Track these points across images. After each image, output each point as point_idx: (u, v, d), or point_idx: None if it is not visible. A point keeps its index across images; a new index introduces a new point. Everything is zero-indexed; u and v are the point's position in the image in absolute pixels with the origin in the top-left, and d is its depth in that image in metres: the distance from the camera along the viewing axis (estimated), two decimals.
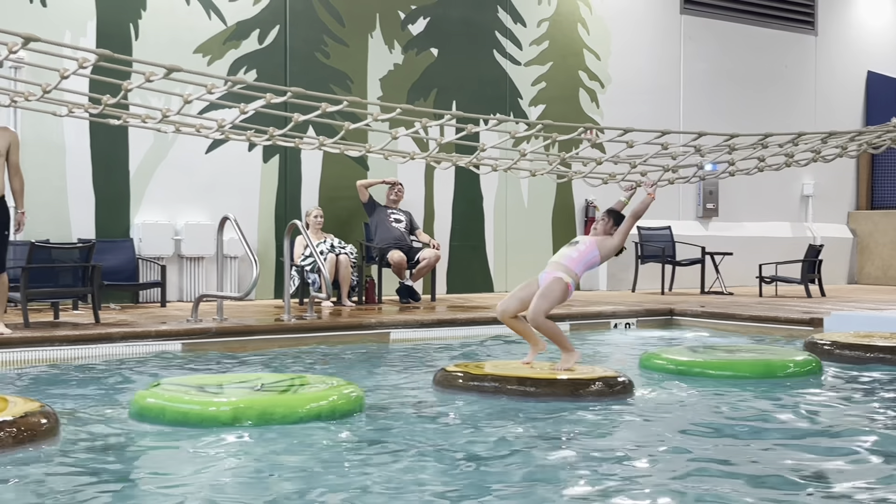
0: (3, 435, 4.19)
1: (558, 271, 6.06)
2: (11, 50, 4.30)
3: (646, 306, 10.70)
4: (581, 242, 6.19)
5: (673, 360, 6.84)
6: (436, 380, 6.11)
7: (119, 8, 10.83)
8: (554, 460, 4.36)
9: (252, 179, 11.68)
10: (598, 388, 5.76)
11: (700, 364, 6.73)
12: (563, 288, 6.03)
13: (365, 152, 6.17)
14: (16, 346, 7.34)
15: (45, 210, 10.33)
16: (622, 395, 5.82)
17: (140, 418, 5.02)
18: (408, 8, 12.73)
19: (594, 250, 6.14)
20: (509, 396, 5.69)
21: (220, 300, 8.93)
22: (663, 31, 15.00)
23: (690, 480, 3.98)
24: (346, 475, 4.08)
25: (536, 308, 5.97)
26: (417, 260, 11.30)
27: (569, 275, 6.04)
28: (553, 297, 6.01)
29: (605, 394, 5.75)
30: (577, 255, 6.10)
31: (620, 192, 6.58)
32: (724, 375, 6.54)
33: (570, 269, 6.06)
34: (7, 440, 4.18)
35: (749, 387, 6.25)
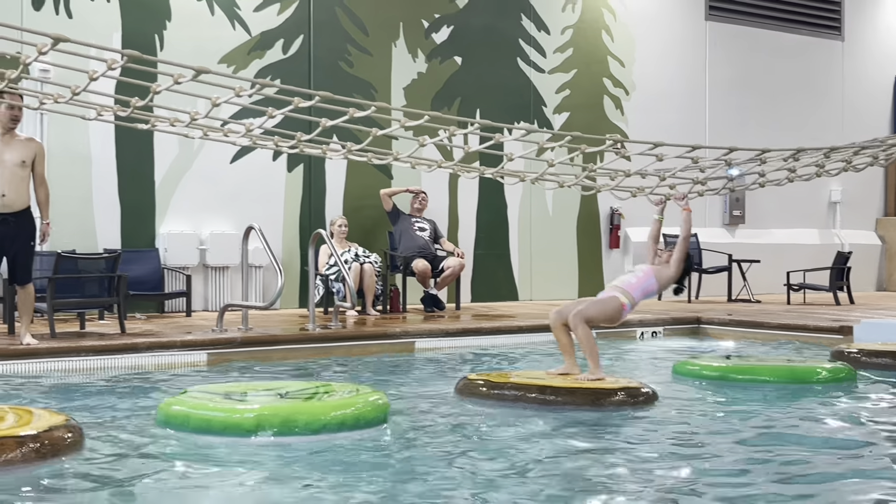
0: (27, 448, 4.15)
1: (616, 292, 6.13)
2: (41, 51, 4.28)
3: (672, 314, 10.60)
4: (639, 269, 6.26)
5: (707, 367, 6.78)
6: (458, 388, 6.06)
7: (144, 19, 10.87)
8: (579, 468, 4.30)
9: (277, 189, 11.68)
10: (622, 397, 5.69)
11: (733, 370, 6.66)
12: (617, 306, 6.05)
13: (391, 160, 6.12)
14: (42, 356, 7.34)
15: (72, 220, 10.37)
16: (647, 404, 5.72)
17: (166, 426, 4.99)
18: (431, 16, 12.72)
19: (651, 278, 6.16)
20: (532, 405, 5.63)
21: (245, 310, 8.91)
22: (688, 38, 14.91)
23: (720, 488, 3.90)
24: (370, 483, 4.03)
25: (583, 311, 5.98)
26: (442, 269, 11.26)
27: (625, 296, 6.08)
28: (603, 308, 6.04)
29: (629, 403, 5.66)
30: (635, 281, 6.15)
31: (649, 204, 6.49)
32: (757, 381, 6.46)
33: (628, 291, 6.11)
34: (31, 454, 4.15)
35: (781, 394, 6.16)
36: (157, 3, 10.98)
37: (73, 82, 5.46)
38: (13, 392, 6.44)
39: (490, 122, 5.22)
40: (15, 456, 4.09)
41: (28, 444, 4.18)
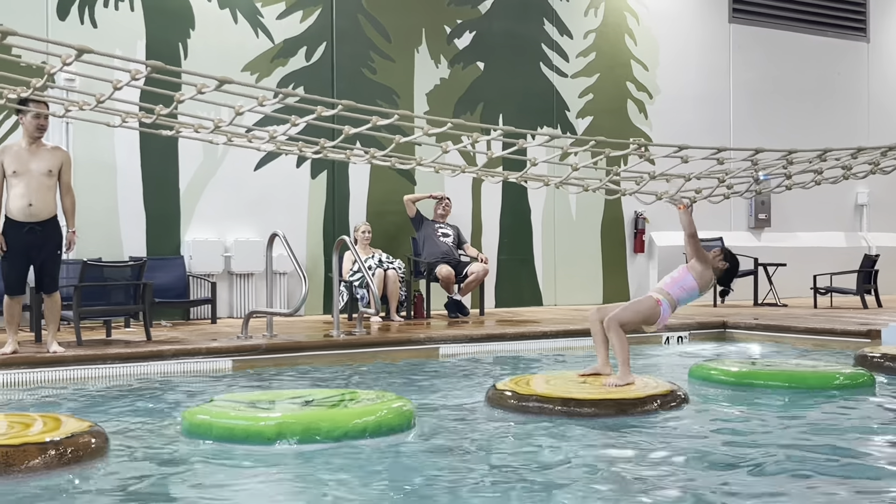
0: (52, 455, 4.18)
1: (652, 292, 6.20)
2: (65, 62, 4.31)
3: (698, 319, 10.52)
4: (676, 270, 6.28)
5: (723, 371, 6.71)
6: (488, 397, 6.02)
7: (168, 27, 10.94)
8: (608, 476, 4.27)
9: (300, 195, 11.71)
10: (654, 405, 5.62)
11: (749, 375, 6.58)
12: (652, 304, 6.06)
13: (415, 165, 6.12)
14: (69, 364, 7.38)
15: (97, 229, 10.44)
16: (677, 409, 5.67)
17: (190, 435, 5.00)
18: (453, 22, 12.72)
19: (687, 275, 6.16)
20: (559, 414, 5.57)
21: (269, 317, 8.93)
22: (712, 41, 14.84)
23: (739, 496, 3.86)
24: (393, 490, 4.01)
25: (616, 314, 6.00)
26: (466, 274, 11.24)
27: (662, 294, 6.10)
28: (639, 309, 6.05)
29: (660, 410, 5.60)
30: (670, 281, 6.19)
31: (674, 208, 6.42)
32: (773, 386, 6.39)
33: (667, 291, 6.13)
34: (57, 460, 4.17)
35: (795, 400, 6.10)
36: (181, 11, 11.05)
37: (97, 91, 5.49)
38: (40, 400, 6.48)
39: (513, 129, 5.20)
40: (41, 462, 4.12)
41: (54, 450, 4.20)
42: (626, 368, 5.94)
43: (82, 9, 10.48)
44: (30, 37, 4.26)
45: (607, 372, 6.09)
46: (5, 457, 4.04)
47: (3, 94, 5.43)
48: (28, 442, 4.18)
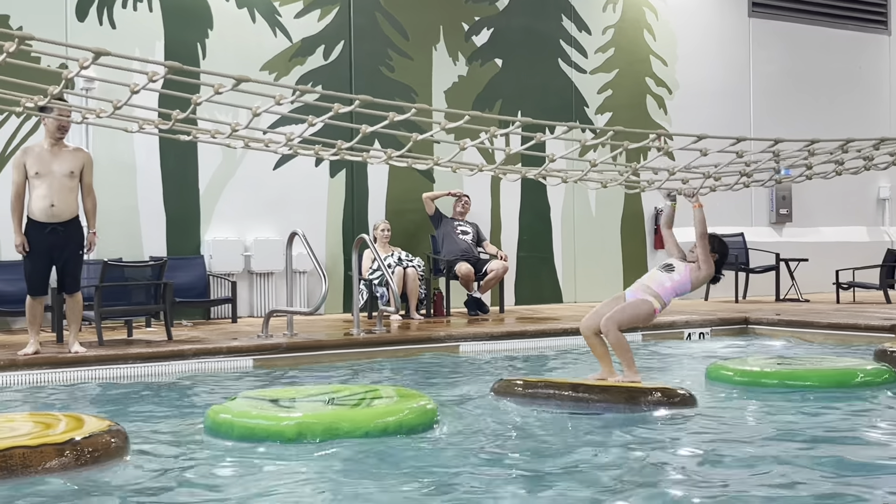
0: (73, 454, 4.19)
1: (647, 295, 5.93)
2: (82, 65, 4.32)
3: (720, 315, 10.47)
4: (676, 271, 5.98)
5: (739, 371, 6.61)
6: (494, 389, 6.04)
7: (186, 27, 10.97)
8: (626, 470, 4.25)
9: (319, 194, 11.72)
10: (658, 398, 5.60)
11: (768, 374, 6.50)
12: (649, 311, 5.91)
13: (432, 164, 6.10)
14: (91, 364, 7.42)
15: (118, 229, 10.48)
16: (683, 406, 5.63)
17: (213, 434, 5.01)
18: (471, 19, 12.70)
19: (687, 282, 5.96)
20: (582, 408, 5.57)
21: (290, 315, 8.94)
22: (731, 35, 14.75)
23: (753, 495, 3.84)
24: (416, 488, 4.00)
25: (613, 317, 5.86)
26: (485, 272, 11.22)
27: (657, 300, 5.92)
28: (634, 314, 5.90)
29: (665, 404, 5.58)
30: (670, 285, 5.95)
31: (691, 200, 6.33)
32: (793, 386, 6.32)
33: (661, 295, 5.93)
34: (76, 459, 4.18)
35: (818, 397, 6.03)
36: (199, 12, 11.08)
37: (115, 95, 5.51)
38: (62, 399, 6.51)
39: (531, 120, 5.18)
40: (62, 461, 4.13)
41: (74, 448, 4.21)
42: (631, 365, 5.90)
43: (101, 10, 10.52)
44: (47, 41, 4.27)
45: (614, 377, 6.01)
46: (23, 458, 4.04)
47: (21, 103, 5.46)
48: (55, 442, 4.19)
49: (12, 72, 4.96)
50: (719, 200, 14.06)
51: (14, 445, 4.09)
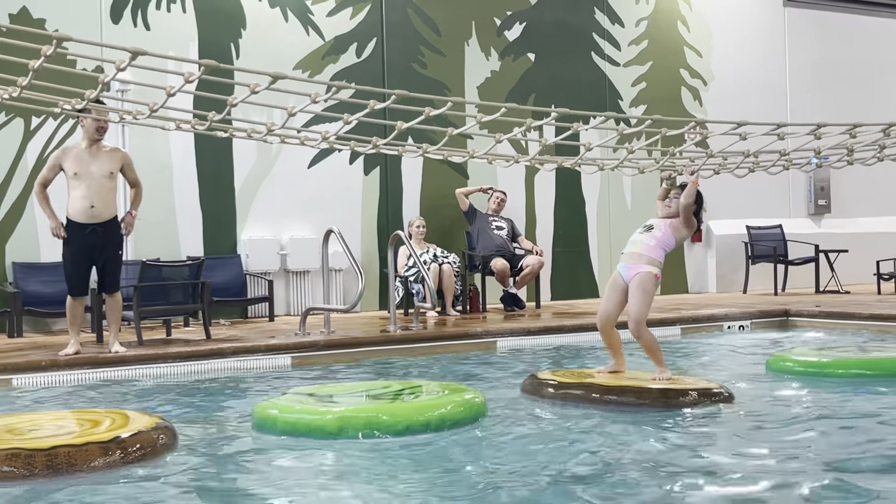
0: (122, 450, 4.22)
1: (643, 264, 5.84)
2: (119, 67, 4.34)
3: (759, 307, 10.36)
4: (657, 228, 5.91)
5: (802, 362, 6.54)
6: (524, 388, 6.00)
7: (220, 28, 11.02)
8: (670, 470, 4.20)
9: (354, 192, 11.73)
10: (696, 397, 5.51)
11: (830, 364, 6.43)
12: (655, 281, 5.84)
13: (468, 157, 6.08)
14: (131, 363, 7.47)
15: (155, 229, 10.56)
16: (720, 404, 5.55)
17: (260, 429, 5.04)
18: (503, 14, 12.66)
19: (670, 237, 5.88)
20: (622, 406, 5.51)
21: (326, 313, 8.96)
22: (766, 25, 14.60)
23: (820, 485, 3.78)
24: (456, 483, 3.98)
25: (639, 315, 5.76)
26: (521, 267, 11.18)
27: (653, 265, 5.83)
28: (650, 296, 5.82)
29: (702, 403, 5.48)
30: (654, 243, 5.85)
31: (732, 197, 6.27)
32: (857, 375, 6.24)
33: (654, 258, 5.84)
34: (123, 457, 4.21)
35: (884, 387, 5.96)
36: (233, 12, 11.12)
37: (152, 96, 5.53)
38: (105, 398, 6.56)
39: (567, 111, 5.14)
40: (108, 460, 4.15)
41: (124, 444, 4.24)
42: (662, 362, 5.83)
43: (135, 12, 10.59)
44: (83, 41, 4.29)
45: (624, 370, 6.00)
46: (68, 457, 4.07)
47: (59, 105, 5.50)
48: (92, 441, 4.21)
49: (50, 74, 5.00)
50: (757, 192, 13.97)
51: (59, 444, 4.11)
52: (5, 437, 4.34)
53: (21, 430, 4.50)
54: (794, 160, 6.01)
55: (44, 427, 4.57)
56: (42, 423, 4.67)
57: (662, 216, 6.04)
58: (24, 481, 3.96)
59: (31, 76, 4.51)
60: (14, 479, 3.96)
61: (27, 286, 9.72)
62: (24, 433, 4.44)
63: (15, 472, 3.97)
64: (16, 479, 3.96)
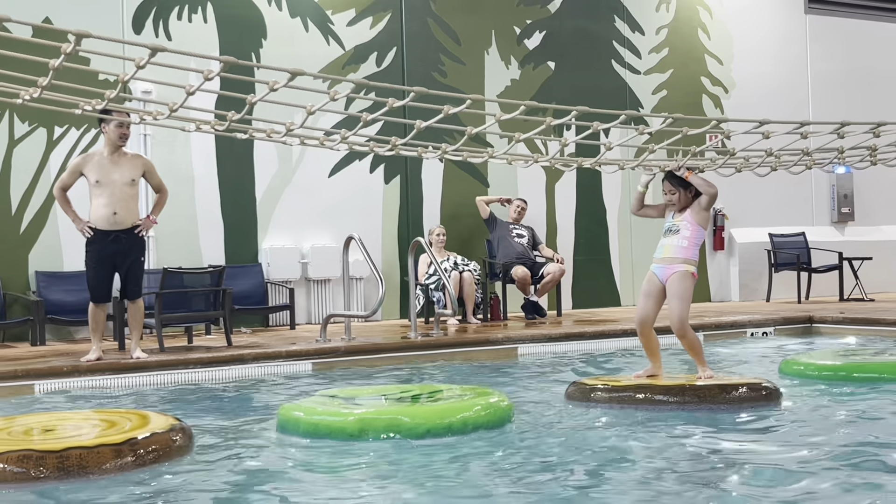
0: (136, 452, 4.20)
1: (680, 265, 5.83)
2: (139, 65, 4.36)
3: (783, 314, 10.28)
4: (683, 228, 5.87)
5: (815, 365, 6.51)
6: (568, 393, 5.92)
7: (241, 37, 11.07)
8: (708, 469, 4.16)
9: (374, 201, 11.74)
10: (743, 393, 5.48)
11: (844, 368, 6.39)
12: (692, 279, 5.85)
13: (487, 158, 6.07)
14: (152, 369, 7.48)
15: (177, 238, 10.60)
16: (769, 401, 5.52)
17: (283, 431, 5.04)
18: (523, 22, 12.66)
19: (698, 230, 5.87)
20: (648, 407, 5.47)
21: (347, 320, 8.95)
22: (787, 32, 14.53)
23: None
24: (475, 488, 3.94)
25: (681, 314, 5.77)
26: (542, 275, 11.14)
27: (689, 264, 5.84)
28: (689, 294, 5.83)
29: (750, 399, 5.46)
30: (686, 244, 5.84)
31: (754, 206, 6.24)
32: (869, 378, 6.19)
33: (689, 258, 5.85)
34: (135, 459, 4.18)
35: None
36: (253, 22, 11.18)
37: (173, 99, 5.54)
38: (125, 403, 6.57)
39: (586, 109, 5.12)
40: (121, 462, 4.13)
41: (133, 449, 4.21)
42: (704, 361, 5.85)
43: (157, 22, 10.66)
44: (102, 38, 4.31)
45: (661, 374, 5.97)
46: (79, 459, 4.04)
47: (79, 105, 5.53)
48: (104, 443, 4.19)
49: (71, 75, 5.03)
50: (780, 200, 13.88)
51: (71, 446, 4.08)
52: (20, 437, 4.34)
53: (37, 431, 4.50)
54: (816, 160, 5.95)
55: (59, 428, 4.56)
56: (58, 424, 4.66)
57: (677, 210, 5.96)
58: (36, 483, 3.93)
59: (51, 75, 4.53)
60: (25, 480, 3.93)
61: (50, 295, 9.77)
62: (39, 434, 4.43)
63: (26, 474, 3.94)
64: (27, 481, 3.92)
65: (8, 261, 9.93)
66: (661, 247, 5.94)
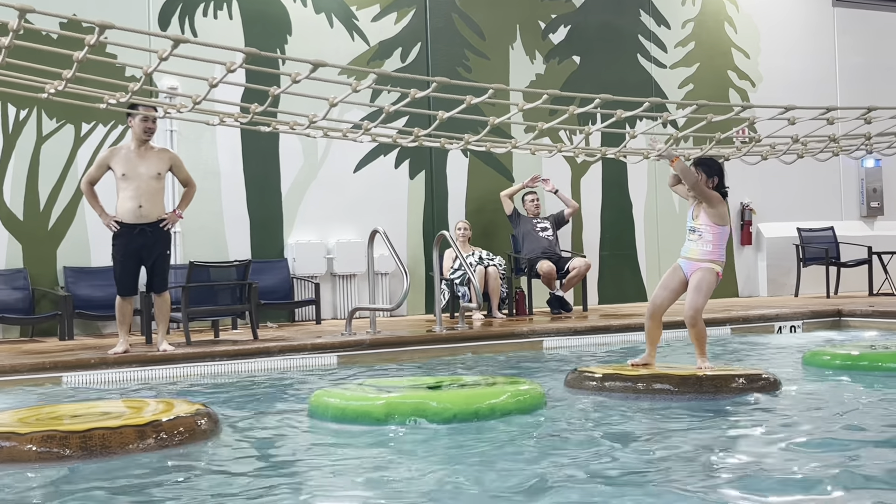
0: (159, 434, 4.25)
1: (707, 263, 5.90)
2: (161, 57, 4.39)
3: (811, 308, 10.19)
4: (704, 231, 5.90)
5: (838, 355, 6.50)
6: (567, 381, 5.96)
7: (266, 34, 11.10)
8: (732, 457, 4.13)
9: (399, 196, 11.75)
10: (741, 384, 5.52)
11: (864, 358, 6.38)
12: (716, 278, 5.91)
13: (511, 147, 6.06)
14: (179, 361, 7.52)
15: (203, 234, 10.66)
16: (767, 391, 5.55)
17: (313, 416, 5.07)
18: (548, 17, 12.63)
19: (718, 230, 5.88)
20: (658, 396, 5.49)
21: (372, 314, 8.97)
22: (815, 25, 14.41)
23: None
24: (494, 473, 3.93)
25: (695, 304, 5.84)
26: (567, 270, 11.10)
27: (717, 264, 5.91)
28: (709, 289, 5.88)
29: (747, 390, 5.51)
30: (712, 248, 5.90)
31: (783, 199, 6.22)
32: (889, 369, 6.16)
33: (716, 259, 5.91)
34: (163, 439, 4.24)
35: None
36: (278, 18, 11.22)
37: (197, 93, 5.57)
38: (152, 395, 6.61)
39: (609, 97, 5.11)
40: (145, 443, 4.18)
41: (157, 431, 4.26)
42: (705, 353, 5.92)
43: (182, 19, 10.72)
44: (126, 29, 4.34)
45: (654, 363, 6.06)
46: (102, 439, 4.10)
47: (104, 100, 5.58)
48: (127, 424, 4.23)
49: (95, 68, 5.07)
50: (808, 195, 13.77)
51: (94, 427, 4.14)
52: (46, 421, 4.39)
53: (64, 416, 4.55)
54: (843, 146, 5.90)
55: (86, 414, 4.61)
56: (85, 411, 4.71)
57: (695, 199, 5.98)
58: (59, 463, 4.00)
59: (75, 67, 4.56)
60: (48, 460, 4.01)
61: (78, 290, 9.85)
62: (66, 418, 4.49)
63: (49, 454, 4.01)
64: (50, 461, 4.01)
65: (36, 256, 10.03)
66: (688, 248, 6.02)
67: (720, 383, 5.51)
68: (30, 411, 4.82)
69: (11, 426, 4.25)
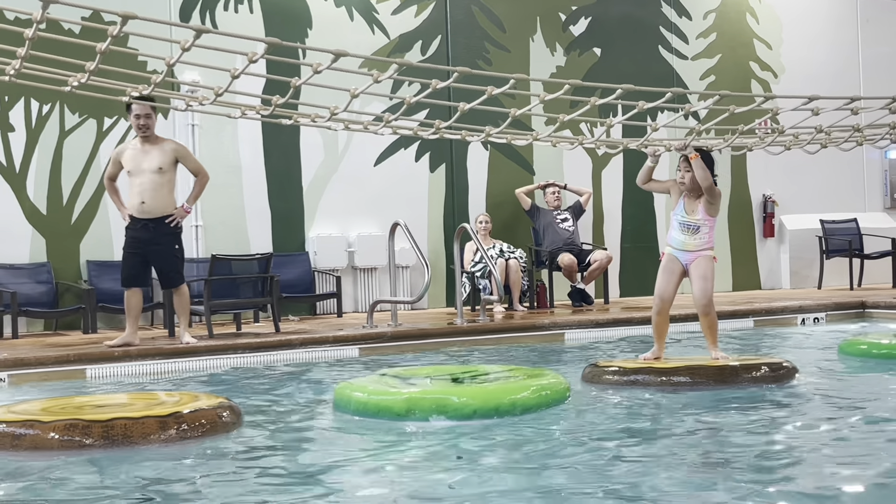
0: (180, 425, 4.27)
1: (704, 251, 6.00)
2: (184, 48, 4.40)
3: (834, 300, 10.13)
4: (703, 226, 6.01)
5: (875, 345, 6.51)
6: (584, 375, 5.95)
7: (286, 27, 11.11)
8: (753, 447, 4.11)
9: (420, 189, 11.74)
10: (762, 373, 5.55)
11: None
12: (713, 263, 6.04)
13: (532, 139, 6.05)
14: (201, 354, 7.56)
15: (225, 228, 10.69)
16: (785, 380, 5.57)
17: (337, 409, 5.08)
18: (568, 9, 12.59)
19: (715, 221, 6.05)
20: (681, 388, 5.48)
21: (394, 307, 8.98)
22: (838, 15, 14.29)
23: None
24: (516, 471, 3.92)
25: (707, 292, 5.95)
26: (588, 262, 11.07)
27: (712, 250, 6.05)
28: (713, 275, 6.01)
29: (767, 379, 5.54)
30: (706, 239, 6.01)
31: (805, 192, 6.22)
32: None
33: (711, 246, 6.03)
34: (184, 430, 4.26)
35: None
36: (299, 12, 11.23)
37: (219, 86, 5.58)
38: (176, 385, 6.64)
39: (631, 87, 5.08)
40: (168, 433, 4.22)
41: (178, 422, 4.28)
42: (716, 342, 5.99)
43: (203, 13, 10.75)
44: (148, 19, 4.36)
45: (663, 356, 6.12)
46: (124, 429, 4.13)
47: (127, 93, 5.60)
48: (149, 415, 4.26)
49: (117, 60, 5.08)
50: (831, 187, 13.67)
51: (116, 417, 4.17)
52: (70, 410, 4.43)
53: (86, 406, 4.58)
54: (867, 136, 5.86)
55: (110, 404, 4.64)
56: (109, 402, 4.75)
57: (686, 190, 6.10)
58: (81, 451, 4.04)
59: (98, 59, 4.58)
60: (71, 448, 4.06)
61: (101, 283, 9.90)
62: (88, 408, 4.52)
63: (72, 442, 4.05)
64: (72, 449, 4.05)
65: (60, 250, 10.09)
66: (682, 241, 6.09)
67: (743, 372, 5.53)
68: (53, 401, 4.86)
69: (35, 415, 4.29)
